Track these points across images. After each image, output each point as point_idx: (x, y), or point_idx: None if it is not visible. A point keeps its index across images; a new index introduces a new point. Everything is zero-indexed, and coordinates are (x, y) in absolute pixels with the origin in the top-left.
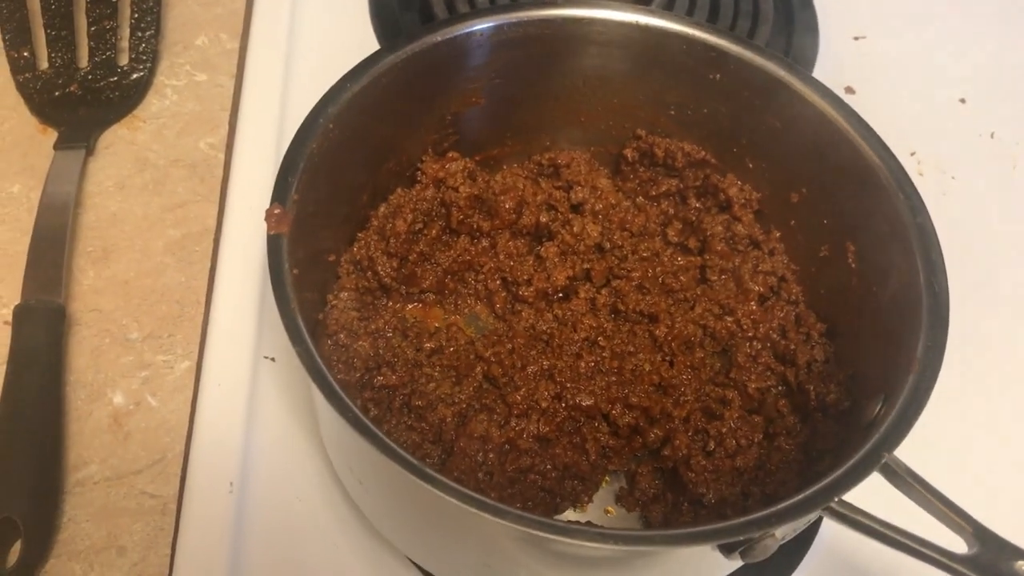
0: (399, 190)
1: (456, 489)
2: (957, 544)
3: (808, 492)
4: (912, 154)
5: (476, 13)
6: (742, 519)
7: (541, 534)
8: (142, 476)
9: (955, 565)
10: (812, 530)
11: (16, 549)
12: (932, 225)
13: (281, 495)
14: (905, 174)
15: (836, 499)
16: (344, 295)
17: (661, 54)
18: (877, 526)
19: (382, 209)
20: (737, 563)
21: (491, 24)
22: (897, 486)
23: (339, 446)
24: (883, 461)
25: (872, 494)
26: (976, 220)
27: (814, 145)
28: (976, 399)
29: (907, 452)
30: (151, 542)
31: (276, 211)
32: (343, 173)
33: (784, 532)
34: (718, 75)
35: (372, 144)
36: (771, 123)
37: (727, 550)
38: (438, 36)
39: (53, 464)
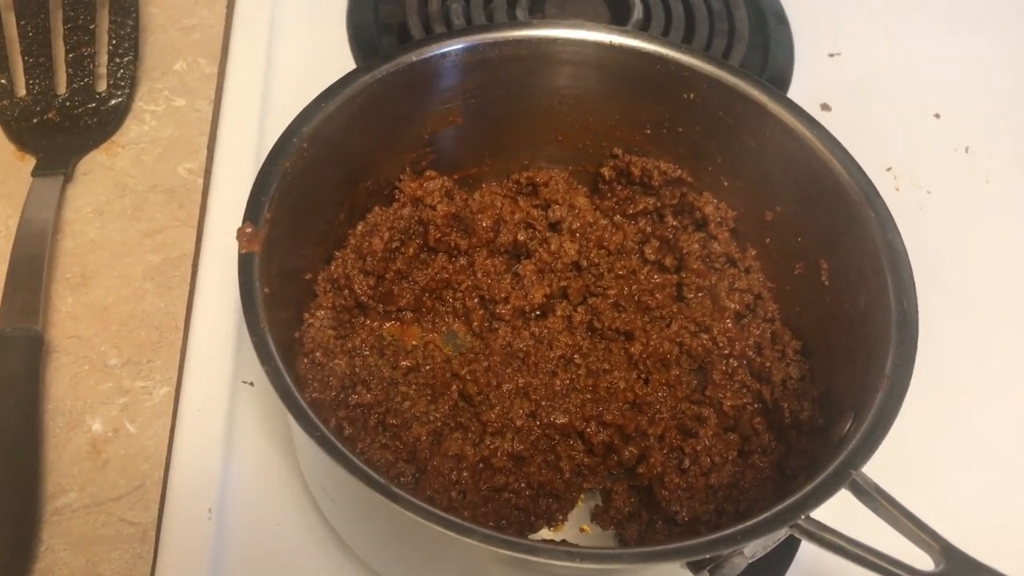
0: (377, 209)
1: (420, 507)
2: (924, 562)
3: (775, 509)
4: (888, 169)
5: (450, 34)
6: (709, 537)
7: (506, 552)
8: (121, 503)
9: None
10: (789, 554)
11: None
12: (902, 242)
13: (260, 520)
14: (876, 191)
15: (803, 516)
16: (321, 313)
17: (635, 74)
18: (844, 543)
19: (359, 227)
20: None
21: (465, 45)
22: (866, 503)
23: (311, 466)
24: (851, 478)
25: (843, 511)
26: (951, 234)
27: (787, 164)
28: (947, 416)
29: (876, 469)
30: (130, 570)
31: (248, 230)
32: (318, 192)
33: (753, 550)
34: (692, 95)
35: (348, 163)
36: (745, 142)
37: (696, 568)
38: (413, 56)
39: (31, 493)
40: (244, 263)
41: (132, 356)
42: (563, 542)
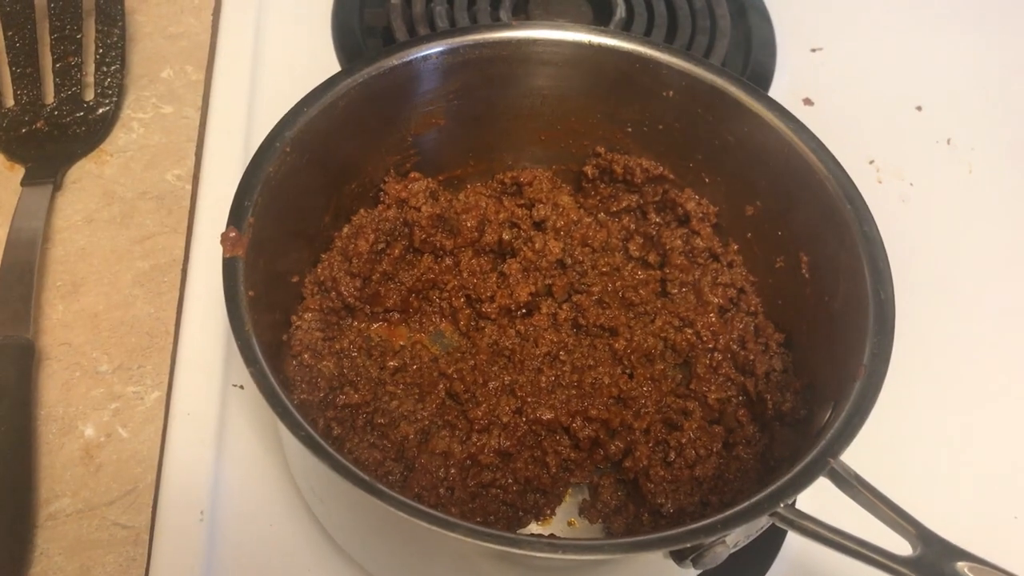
0: (362, 211)
1: (405, 503)
2: (902, 546)
3: (755, 498)
4: (871, 162)
5: (431, 36)
6: (690, 526)
7: (491, 546)
8: (114, 507)
9: (898, 567)
10: (775, 545)
11: None
12: (879, 234)
13: (251, 522)
14: (853, 185)
15: (783, 504)
16: (308, 316)
17: (614, 72)
18: (824, 531)
19: (345, 230)
20: (691, 571)
21: (445, 47)
22: (844, 491)
23: (300, 466)
24: (829, 467)
25: (823, 500)
26: (934, 225)
27: (766, 159)
28: (925, 404)
29: (855, 457)
30: (124, 573)
31: (231, 234)
32: (303, 195)
33: (735, 539)
34: (670, 92)
35: (333, 166)
36: (724, 138)
37: (679, 557)
38: (394, 59)
39: (24, 498)
40: (228, 267)
41: (123, 362)
42: (551, 536)
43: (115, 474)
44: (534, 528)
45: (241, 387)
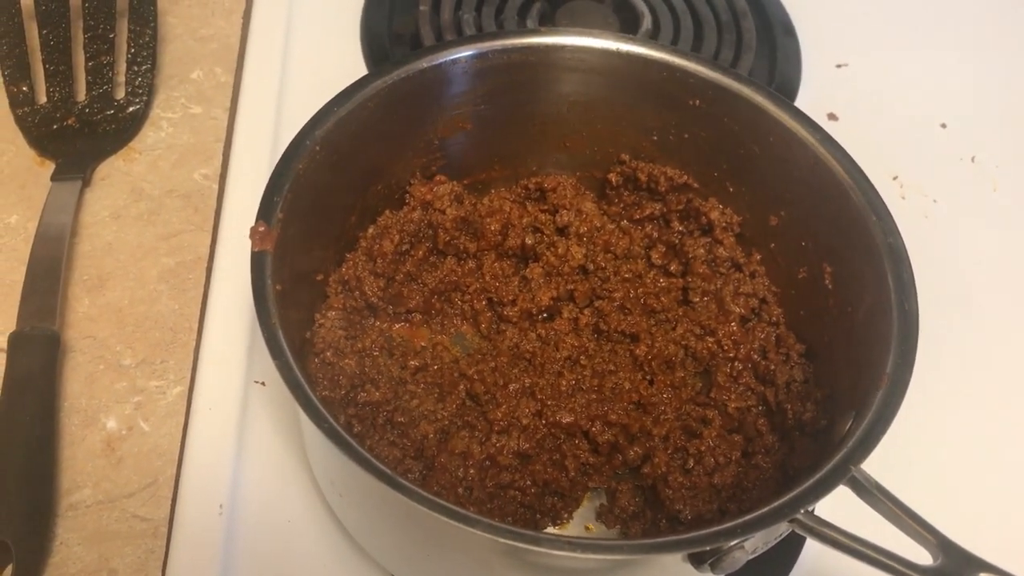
0: (387, 212)
1: (426, 497)
2: (923, 556)
3: (775, 504)
4: (895, 178)
5: (460, 40)
6: (709, 530)
7: (511, 543)
8: (134, 500)
9: None
10: (793, 553)
11: (8, 573)
12: (903, 246)
13: (270, 517)
14: (878, 196)
15: (803, 511)
16: (331, 314)
17: (641, 81)
18: (843, 538)
19: (370, 230)
20: None
21: (474, 51)
22: (865, 499)
23: (320, 460)
24: (850, 475)
25: (843, 508)
26: (957, 241)
27: (791, 169)
28: (947, 415)
29: (876, 466)
30: (142, 565)
31: (260, 228)
32: (330, 194)
33: (754, 544)
34: (697, 101)
35: (360, 166)
36: (750, 148)
37: (697, 561)
38: (423, 63)
39: (46, 488)
40: (257, 261)
41: (146, 356)
42: None
43: (136, 467)
44: (550, 531)
45: (263, 383)
